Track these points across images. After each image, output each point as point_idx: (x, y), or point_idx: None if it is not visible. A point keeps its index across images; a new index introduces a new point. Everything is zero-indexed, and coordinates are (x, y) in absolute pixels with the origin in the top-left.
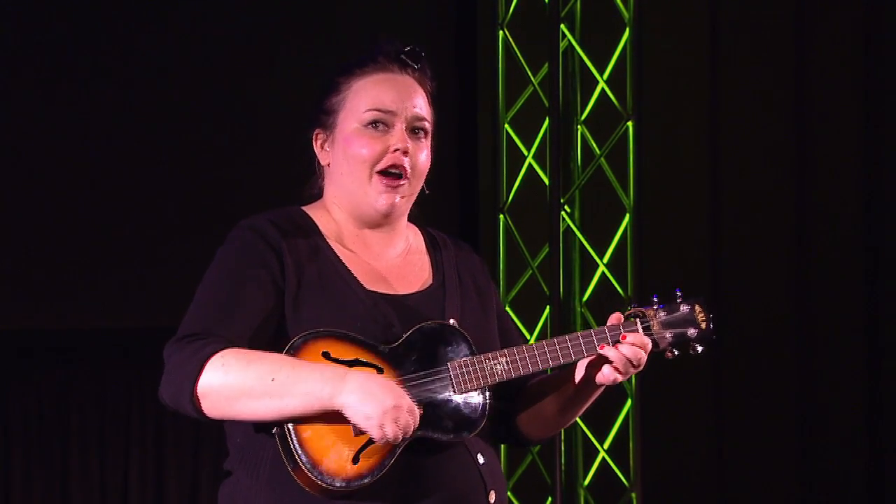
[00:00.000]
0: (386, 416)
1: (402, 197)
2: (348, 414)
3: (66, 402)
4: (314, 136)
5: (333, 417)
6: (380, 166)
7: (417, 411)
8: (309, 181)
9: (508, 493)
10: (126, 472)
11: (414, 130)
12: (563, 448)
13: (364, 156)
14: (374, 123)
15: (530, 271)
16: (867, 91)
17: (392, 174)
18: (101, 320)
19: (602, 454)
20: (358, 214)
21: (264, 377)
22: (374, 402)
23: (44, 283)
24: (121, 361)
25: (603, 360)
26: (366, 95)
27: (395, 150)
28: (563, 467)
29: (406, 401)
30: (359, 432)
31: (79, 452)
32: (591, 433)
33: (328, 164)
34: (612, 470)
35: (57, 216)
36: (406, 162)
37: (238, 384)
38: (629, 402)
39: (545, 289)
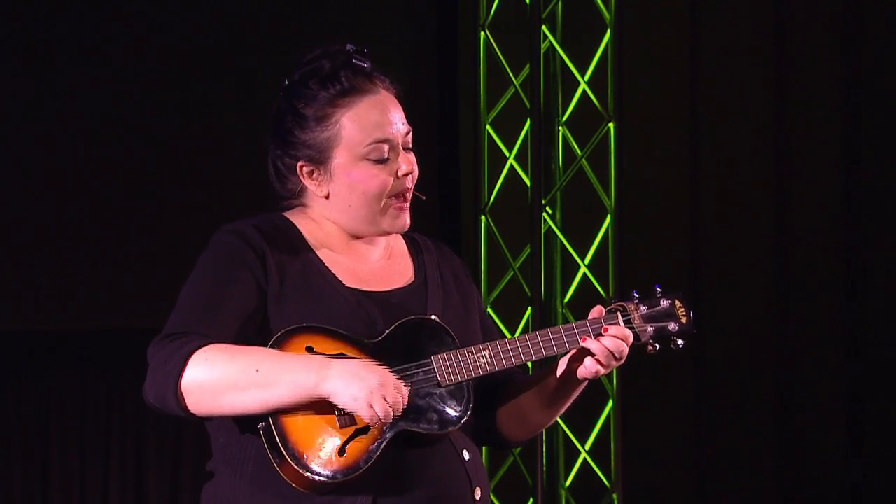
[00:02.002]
0: (373, 396)
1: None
2: (335, 400)
3: (46, 402)
4: (298, 168)
5: (319, 410)
6: (391, 192)
7: (404, 388)
8: (288, 198)
9: (490, 494)
10: (106, 473)
11: (406, 145)
12: (544, 449)
13: (375, 189)
14: (378, 154)
15: (511, 272)
16: (848, 91)
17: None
18: (82, 321)
19: (583, 455)
20: (360, 232)
21: (248, 368)
22: (360, 384)
23: (22, 283)
24: (101, 362)
25: (585, 353)
26: (359, 130)
27: (405, 174)
28: (544, 468)
29: (391, 378)
30: (345, 423)
31: (59, 452)
32: (573, 434)
33: (326, 196)
34: (594, 471)
35: (36, 218)
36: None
37: (223, 377)
38: (610, 403)
39: (526, 290)
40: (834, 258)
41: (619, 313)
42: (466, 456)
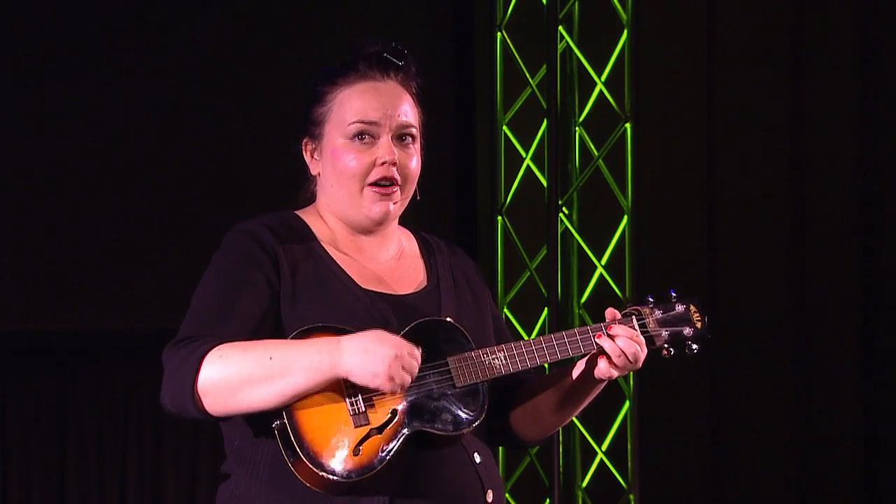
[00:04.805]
0: (392, 367)
1: (395, 203)
2: (354, 378)
3: (64, 404)
4: (303, 145)
5: (333, 409)
6: (369, 179)
7: (417, 351)
8: (303, 185)
9: (506, 495)
10: (123, 474)
11: (401, 138)
12: (560, 450)
13: (352, 169)
14: (359, 136)
15: (528, 273)
16: (864, 91)
17: (383, 184)
18: (99, 321)
19: (600, 456)
20: (350, 221)
21: (262, 359)
22: (375, 358)
23: (42, 283)
24: (119, 363)
25: (601, 355)
26: (350, 107)
27: (383, 163)
28: (561, 469)
29: (404, 344)
30: (360, 423)
31: (76, 453)
32: (590, 435)
33: (318, 174)
34: (611, 471)
35: (55, 217)
36: (395, 172)
37: (238, 373)
38: (627, 404)
39: (543, 290)
40: (851, 259)
41: (633, 317)
42: (478, 459)
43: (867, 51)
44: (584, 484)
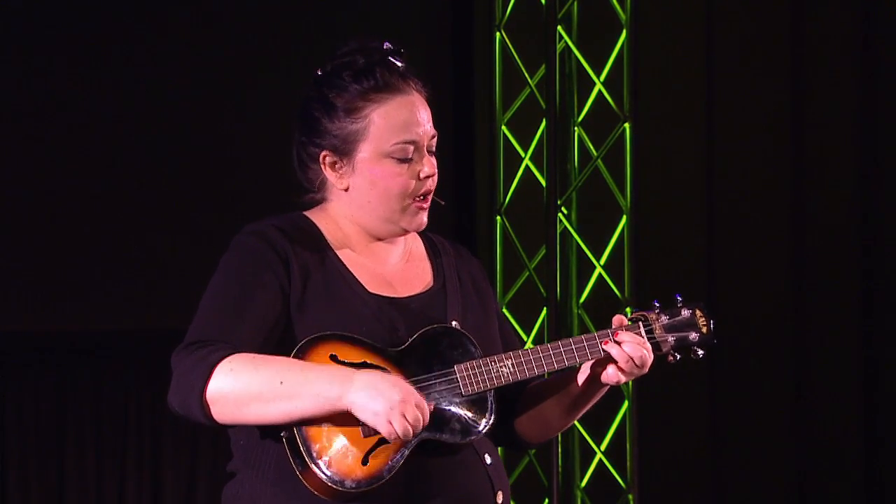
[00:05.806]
0: (394, 412)
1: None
2: (357, 412)
3: (64, 404)
4: (321, 157)
5: (342, 419)
6: (412, 193)
7: (426, 405)
8: (307, 188)
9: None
10: (122, 474)
11: (430, 148)
12: (559, 450)
13: (400, 187)
14: (401, 154)
15: (527, 273)
16: (864, 92)
17: (424, 196)
18: (99, 321)
19: (599, 456)
20: (377, 231)
21: (273, 380)
22: (382, 399)
23: (42, 283)
24: (118, 363)
25: (608, 361)
26: (388, 128)
27: (426, 177)
28: (559, 469)
29: (414, 395)
30: (368, 433)
31: (75, 454)
32: (588, 435)
33: (346, 189)
34: (609, 472)
35: (56, 217)
36: (432, 183)
37: (247, 389)
38: (626, 404)
39: (542, 290)
40: (851, 258)
41: (640, 323)
42: (488, 460)
43: (868, 49)
44: (583, 484)
